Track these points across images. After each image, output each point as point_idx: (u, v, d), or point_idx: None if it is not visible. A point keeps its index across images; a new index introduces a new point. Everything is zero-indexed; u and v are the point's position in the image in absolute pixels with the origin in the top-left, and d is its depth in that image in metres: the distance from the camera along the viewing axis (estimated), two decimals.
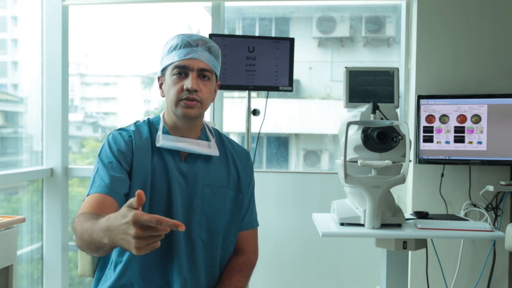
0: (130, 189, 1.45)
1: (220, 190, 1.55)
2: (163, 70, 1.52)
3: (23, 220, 2.16)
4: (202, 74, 1.48)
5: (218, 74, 1.55)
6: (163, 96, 1.54)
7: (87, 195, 1.41)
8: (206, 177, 1.53)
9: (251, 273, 1.64)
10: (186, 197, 1.50)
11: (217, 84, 1.57)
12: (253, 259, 1.65)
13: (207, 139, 1.58)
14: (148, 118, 1.60)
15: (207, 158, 1.56)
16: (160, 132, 1.51)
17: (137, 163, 1.48)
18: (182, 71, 1.46)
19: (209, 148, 1.55)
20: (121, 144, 1.49)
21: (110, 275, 1.50)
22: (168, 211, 1.47)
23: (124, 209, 1.04)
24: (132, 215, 1.00)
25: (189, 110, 1.46)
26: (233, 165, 1.60)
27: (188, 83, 1.45)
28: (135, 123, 1.57)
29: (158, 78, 1.56)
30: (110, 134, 1.54)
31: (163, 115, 1.57)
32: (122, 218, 1.04)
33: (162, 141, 1.49)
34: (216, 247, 1.54)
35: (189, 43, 1.47)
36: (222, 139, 1.64)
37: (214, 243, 1.53)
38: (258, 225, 1.68)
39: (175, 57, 1.47)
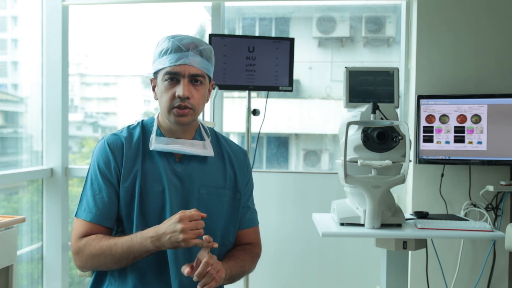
0: (119, 197, 1.48)
1: (216, 191, 1.54)
2: (155, 73, 1.51)
3: (23, 220, 2.16)
4: (194, 79, 1.46)
5: (211, 75, 1.54)
6: (157, 99, 1.53)
7: (77, 215, 1.49)
8: (202, 178, 1.53)
9: (255, 260, 1.63)
10: (182, 198, 1.49)
11: (211, 84, 1.56)
12: (258, 250, 1.66)
13: (202, 139, 1.57)
14: (142, 120, 1.59)
15: (203, 158, 1.55)
16: (153, 135, 1.50)
17: (126, 170, 1.48)
18: (173, 77, 1.45)
19: (204, 149, 1.54)
20: (108, 157, 1.49)
21: (111, 282, 1.50)
22: (161, 215, 1.47)
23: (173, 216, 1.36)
24: (178, 215, 1.35)
25: (181, 119, 1.46)
26: (230, 165, 1.59)
27: (179, 90, 1.44)
28: (128, 127, 1.56)
29: (151, 81, 1.55)
30: (99, 142, 1.54)
31: (157, 117, 1.56)
32: (170, 220, 1.35)
33: (155, 144, 1.49)
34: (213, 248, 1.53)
35: (179, 47, 1.45)
36: (218, 139, 1.63)
37: None
38: (258, 223, 1.68)
39: (166, 62, 1.45)
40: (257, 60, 2.62)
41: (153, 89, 1.54)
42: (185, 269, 1.35)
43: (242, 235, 1.62)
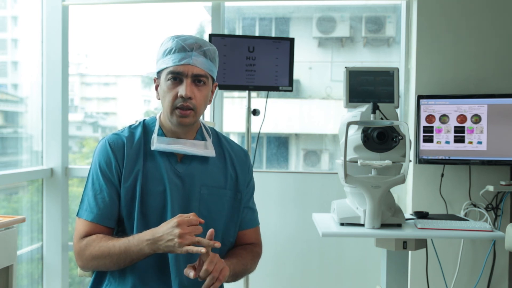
0: (120, 196, 1.48)
1: (217, 191, 1.54)
2: (158, 73, 1.51)
3: (23, 220, 2.16)
4: (197, 79, 1.46)
5: (215, 76, 1.54)
6: (159, 99, 1.53)
7: (78, 215, 1.50)
8: (203, 177, 1.52)
9: (256, 260, 1.63)
10: (183, 198, 1.49)
11: (214, 85, 1.56)
12: (259, 250, 1.66)
13: (204, 139, 1.57)
14: (144, 120, 1.59)
15: (204, 158, 1.55)
16: (155, 135, 1.50)
17: (127, 170, 1.48)
18: (176, 76, 1.45)
19: (206, 149, 1.54)
20: (109, 156, 1.49)
21: (111, 282, 1.50)
22: (162, 215, 1.47)
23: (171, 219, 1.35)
24: (176, 219, 1.33)
25: (183, 119, 1.46)
26: (231, 165, 1.59)
27: (182, 90, 1.43)
28: (129, 127, 1.56)
29: (154, 80, 1.55)
30: (100, 141, 1.54)
31: (159, 117, 1.56)
32: (168, 224, 1.34)
33: (157, 144, 1.49)
34: (214, 248, 1.53)
35: (183, 47, 1.45)
36: (219, 139, 1.63)
37: None
38: (259, 223, 1.68)
39: (169, 62, 1.45)
40: (257, 60, 2.62)
41: (156, 89, 1.54)
42: (190, 273, 1.34)
43: (243, 235, 1.62)
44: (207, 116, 2.62)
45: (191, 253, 1.31)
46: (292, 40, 2.65)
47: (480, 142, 2.56)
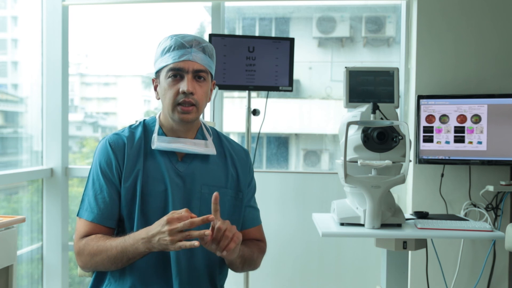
0: (121, 196, 1.48)
1: (218, 190, 1.54)
2: (157, 72, 1.51)
3: (23, 220, 2.16)
4: (198, 75, 1.47)
5: (213, 73, 1.54)
6: (158, 99, 1.53)
7: (79, 215, 1.49)
8: (204, 177, 1.53)
9: (262, 253, 1.63)
10: (184, 198, 1.49)
11: (213, 83, 1.57)
12: (263, 246, 1.66)
13: (204, 138, 1.57)
14: (144, 120, 1.59)
15: (205, 157, 1.55)
16: (155, 134, 1.50)
17: (127, 170, 1.48)
18: (177, 73, 1.45)
19: (206, 147, 1.54)
20: (110, 156, 1.49)
21: (111, 282, 1.50)
22: (163, 215, 1.45)
23: (163, 217, 1.33)
24: (166, 217, 1.31)
25: (185, 116, 1.46)
26: (232, 164, 1.59)
27: (184, 85, 1.44)
28: (129, 127, 1.56)
29: (153, 80, 1.55)
30: (101, 141, 1.54)
31: (159, 116, 1.56)
32: (159, 221, 1.32)
33: (157, 143, 1.49)
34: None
35: (182, 44, 1.46)
36: (220, 138, 1.63)
37: None
38: (261, 222, 1.69)
39: (169, 60, 1.46)
40: (257, 60, 2.63)
41: (155, 89, 1.54)
42: (206, 231, 1.30)
43: (247, 234, 1.62)
44: (207, 116, 2.62)
45: (184, 248, 1.29)
46: (292, 40, 2.65)
47: (480, 142, 2.56)
